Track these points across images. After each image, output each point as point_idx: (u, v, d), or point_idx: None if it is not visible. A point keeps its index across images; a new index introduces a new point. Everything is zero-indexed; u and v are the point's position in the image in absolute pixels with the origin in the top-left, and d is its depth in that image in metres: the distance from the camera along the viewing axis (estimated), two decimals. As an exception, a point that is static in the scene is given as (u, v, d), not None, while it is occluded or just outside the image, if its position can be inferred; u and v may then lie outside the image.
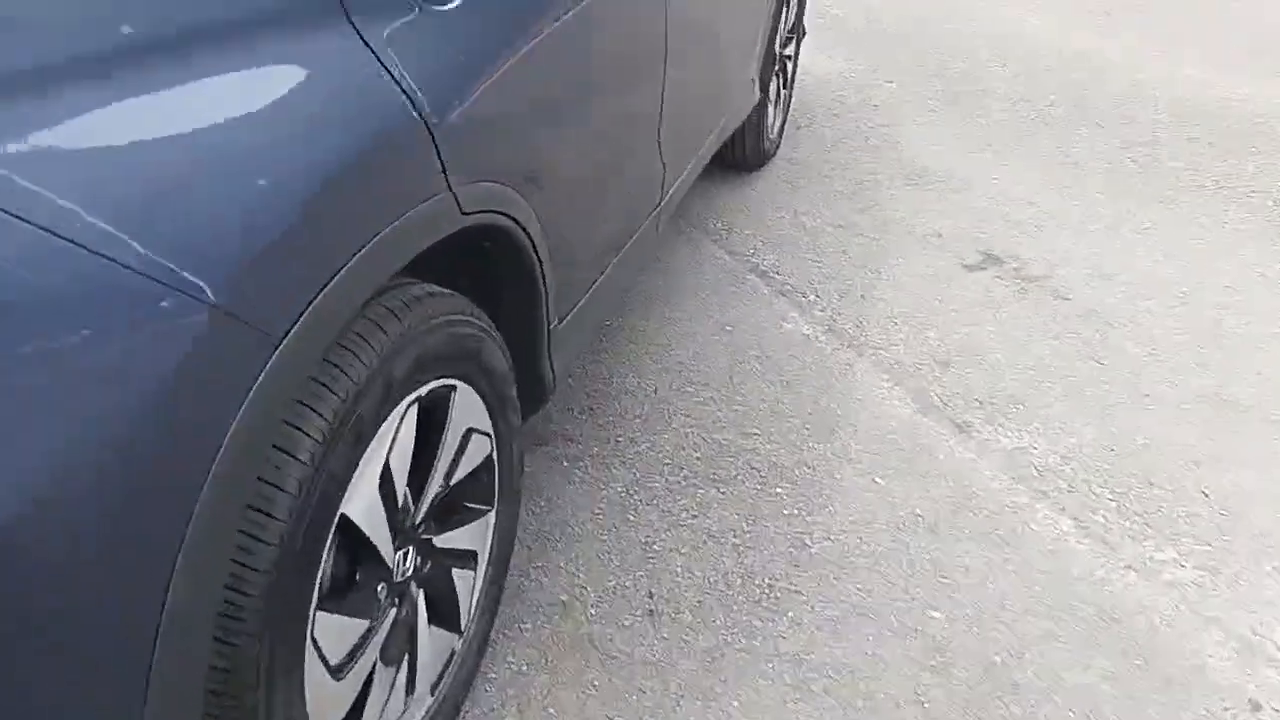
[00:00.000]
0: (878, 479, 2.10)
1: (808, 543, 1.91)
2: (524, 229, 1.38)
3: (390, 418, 1.15)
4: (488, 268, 1.44)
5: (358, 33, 1.00)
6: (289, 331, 0.89)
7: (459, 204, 1.17)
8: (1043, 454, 2.19)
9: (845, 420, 2.26)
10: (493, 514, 1.51)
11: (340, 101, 0.96)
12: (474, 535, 1.47)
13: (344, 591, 1.15)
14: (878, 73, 4.34)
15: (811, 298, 2.75)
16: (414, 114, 1.06)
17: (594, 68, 1.61)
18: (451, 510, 1.41)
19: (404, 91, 1.05)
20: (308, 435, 1.01)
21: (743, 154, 3.28)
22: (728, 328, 2.59)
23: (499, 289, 1.49)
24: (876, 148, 3.67)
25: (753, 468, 2.10)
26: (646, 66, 1.84)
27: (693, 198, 3.17)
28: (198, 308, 0.79)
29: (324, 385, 1.04)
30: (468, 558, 1.45)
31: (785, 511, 1.99)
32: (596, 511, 1.96)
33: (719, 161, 3.17)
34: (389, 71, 1.03)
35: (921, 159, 3.59)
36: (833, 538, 1.93)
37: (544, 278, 1.49)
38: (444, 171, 1.12)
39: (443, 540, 1.38)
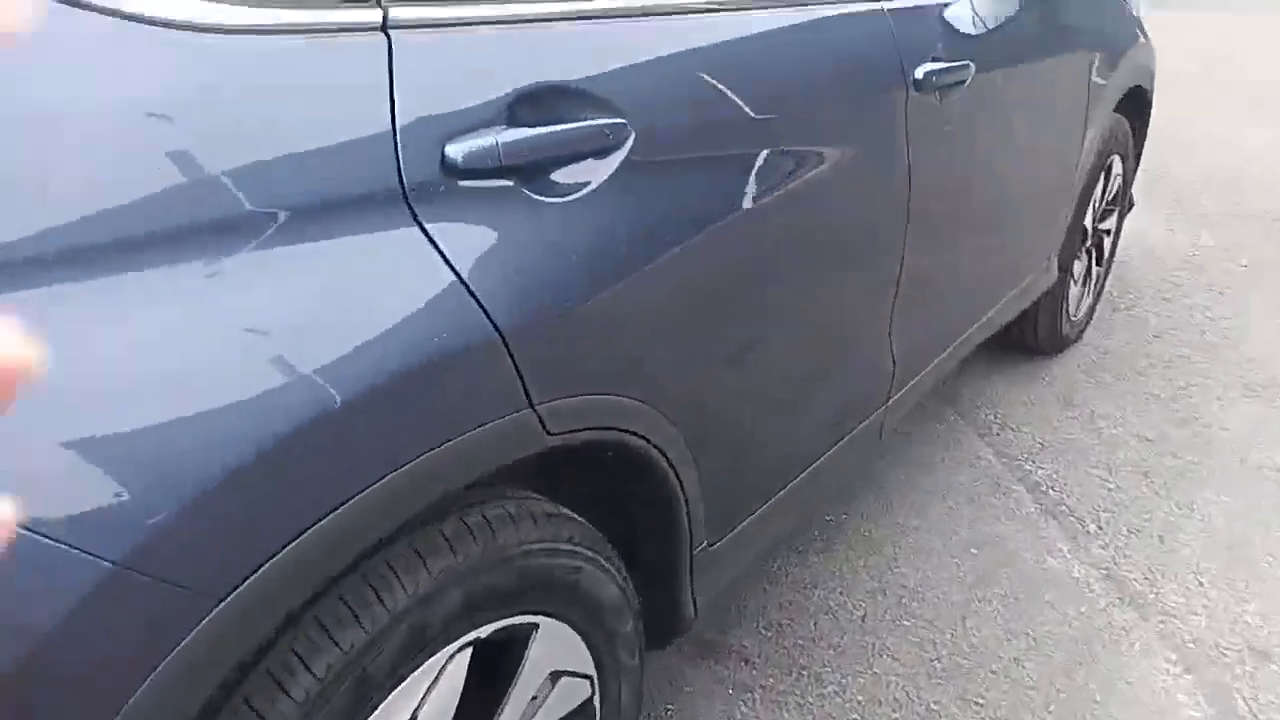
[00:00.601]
0: (1136, 805, 1.57)
1: None
2: (655, 445, 1.15)
3: (424, 669, 0.95)
4: (613, 480, 1.22)
5: (419, 224, 0.84)
6: (237, 587, 0.72)
7: (543, 423, 0.96)
8: (1402, 825, 1.54)
9: (1105, 710, 1.74)
10: (589, 771, 1.25)
11: (371, 309, 0.80)
12: (558, 796, 1.22)
13: None
14: (1229, 252, 3.67)
15: (1092, 528, 2.23)
16: (485, 322, 0.88)
17: (790, 255, 1.36)
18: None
19: (473, 295, 0.87)
20: (287, 694, 0.83)
21: (1034, 336, 2.82)
22: (974, 550, 2.15)
23: (630, 503, 1.26)
24: (1213, 345, 3.03)
25: (963, 750, 1.66)
26: (873, 249, 1.57)
27: (962, 378, 2.77)
28: (89, 567, 0.64)
29: (327, 632, 0.86)
30: (539, 826, 1.19)
31: (994, 824, 1.53)
32: (751, 765, 1.63)
33: (1003, 340, 2.75)
34: (455, 272, 0.86)
35: (1272, 365, 2.91)
36: None
37: (686, 498, 1.24)
38: (523, 388, 0.93)
39: (505, 803, 1.14)
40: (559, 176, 0.97)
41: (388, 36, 0.83)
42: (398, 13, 0.84)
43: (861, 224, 1.51)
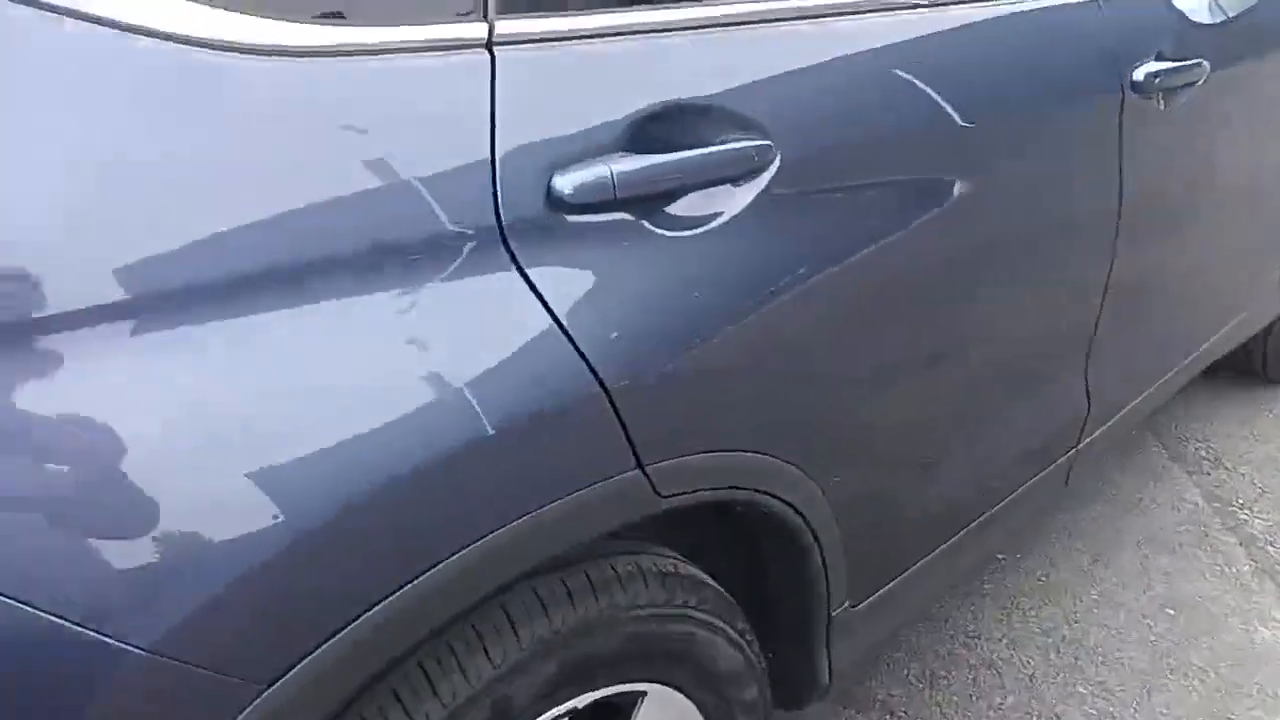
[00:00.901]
0: None
1: None
2: (790, 503, 1.02)
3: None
4: (743, 533, 1.10)
5: (517, 266, 0.74)
6: (283, 676, 0.66)
7: (653, 485, 0.86)
8: None
9: (1321, 824, 1.48)
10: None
11: (456, 364, 0.71)
12: None
13: None
14: None
15: (1319, 597, 1.91)
16: (587, 375, 0.78)
17: (968, 285, 1.18)
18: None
19: (574, 345, 0.77)
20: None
21: (1262, 361, 2.47)
22: (1170, 610, 1.89)
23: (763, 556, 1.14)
24: None
25: None
26: (1070, 277, 1.36)
27: (1171, 404, 2.45)
28: (117, 656, 0.59)
29: (401, 703, 0.80)
30: None
31: None
32: (887, 837, 1.48)
33: (1224, 364, 2.40)
34: (555, 319, 0.76)
35: None
36: None
37: (824, 556, 1.11)
38: (631, 447, 0.82)
39: None
40: (686, 207, 0.85)
41: (492, 55, 0.74)
42: (505, 27, 0.74)
43: (1057, 250, 1.31)
